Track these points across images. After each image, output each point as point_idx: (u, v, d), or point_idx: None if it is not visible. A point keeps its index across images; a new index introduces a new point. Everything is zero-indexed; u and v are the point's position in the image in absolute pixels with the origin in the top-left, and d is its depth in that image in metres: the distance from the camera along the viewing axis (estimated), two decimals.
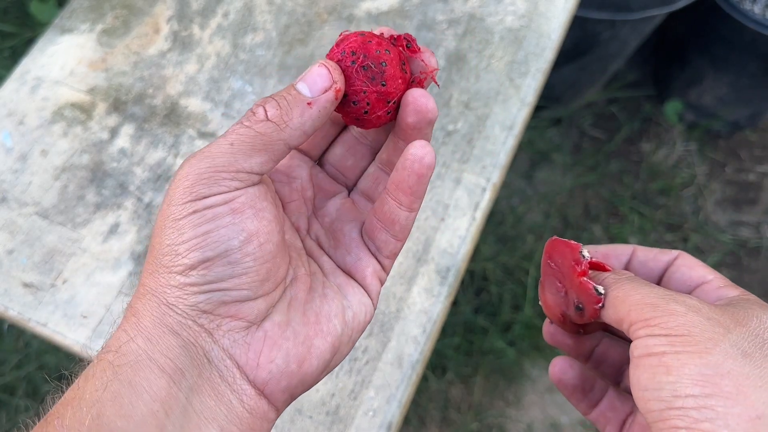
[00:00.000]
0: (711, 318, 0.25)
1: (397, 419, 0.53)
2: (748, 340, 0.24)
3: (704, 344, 0.24)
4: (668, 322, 0.25)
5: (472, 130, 0.63)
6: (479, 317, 1.26)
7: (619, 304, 0.27)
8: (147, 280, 0.26)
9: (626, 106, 1.53)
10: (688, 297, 0.26)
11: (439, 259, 0.58)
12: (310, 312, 0.28)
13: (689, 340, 0.24)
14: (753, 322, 0.25)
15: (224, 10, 0.70)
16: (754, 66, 1.26)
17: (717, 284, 0.29)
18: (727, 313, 0.26)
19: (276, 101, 0.27)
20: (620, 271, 0.30)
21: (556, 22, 0.68)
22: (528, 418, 1.23)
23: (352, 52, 0.28)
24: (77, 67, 0.67)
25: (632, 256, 0.33)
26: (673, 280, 0.31)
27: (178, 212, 0.25)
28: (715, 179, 1.49)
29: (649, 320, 0.25)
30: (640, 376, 0.25)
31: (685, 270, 0.31)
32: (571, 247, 0.30)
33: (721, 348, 0.24)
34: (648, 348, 0.25)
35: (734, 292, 0.29)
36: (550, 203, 1.40)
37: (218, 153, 0.26)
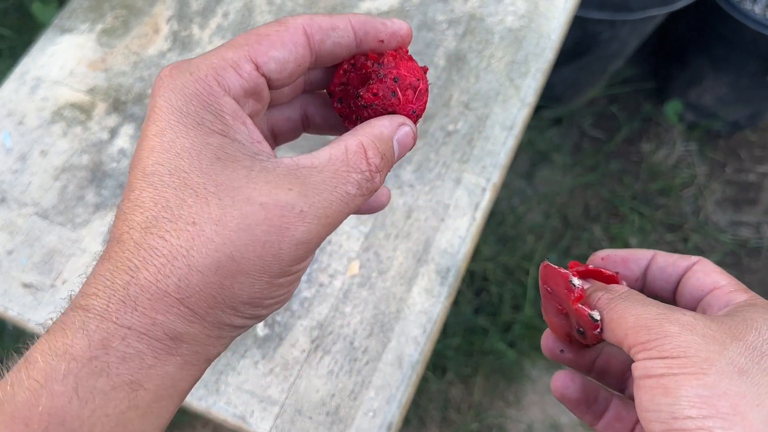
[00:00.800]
0: (706, 335, 0.25)
1: (397, 420, 0.53)
2: (744, 355, 0.24)
3: (700, 365, 0.24)
4: (664, 345, 0.25)
5: (473, 130, 0.63)
6: (479, 317, 1.26)
7: (615, 327, 0.28)
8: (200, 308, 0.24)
9: (626, 106, 1.53)
10: (683, 313, 0.26)
11: (440, 260, 0.58)
12: None
13: (685, 361, 0.24)
14: (751, 334, 0.25)
15: (224, 11, 0.70)
16: (754, 66, 1.26)
17: (728, 289, 0.30)
18: (725, 326, 0.26)
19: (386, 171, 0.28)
20: (614, 288, 0.30)
21: (556, 22, 0.68)
22: (528, 418, 1.23)
23: None
24: (77, 67, 0.67)
25: (651, 261, 0.33)
26: (688, 285, 0.32)
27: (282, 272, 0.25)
28: (715, 179, 1.49)
29: (645, 344, 0.26)
30: (642, 397, 0.25)
31: (701, 275, 0.31)
32: (562, 275, 0.31)
33: (717, 367, 0.24)
34: (647, 370, 0.25)
35: (742, 297, 0.29)
36: (550, 203, 1.40)
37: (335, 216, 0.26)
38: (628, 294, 0.29)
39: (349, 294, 0.57)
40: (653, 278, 0.33)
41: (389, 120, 0.28)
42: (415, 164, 0.62)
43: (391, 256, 0.58)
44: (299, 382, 0.54)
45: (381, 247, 0.58)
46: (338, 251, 0.58)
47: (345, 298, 0.57)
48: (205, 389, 0.54)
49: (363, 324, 0.56)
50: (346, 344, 0.55)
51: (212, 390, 0.54)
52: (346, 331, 0.56)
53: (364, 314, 0.56)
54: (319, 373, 0.54)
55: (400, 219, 0.59)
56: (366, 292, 0.57)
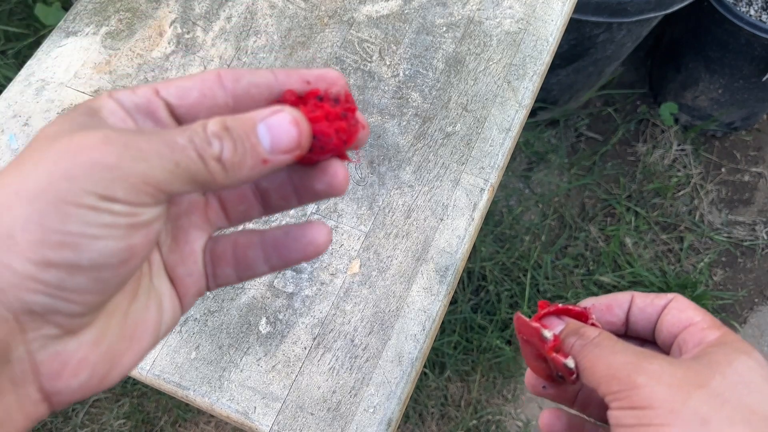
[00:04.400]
0: (672, 384, 0.27)
1: (397, 416, 0.54)
2: (707, 403, 0.26)
3: (665, 416, 0.26)
4: (632, 396, 0.27)
5: (471, 131, 0.64)
6: (477, 316, 1.27)
7: (589, 375, 0.29)
8: None
9: (622, 108, 1.54)
10: (650, 362, 0.28)
11: (438, 259, 0.59)
12: (130, 322, 0.26)
13: (652, 413, 0.26)
14: (715, 379, 0.27)
15: (227, 14, 0.71)
16: (749, 68, 1.28)
17: (701, 326, 0.31)
18: (690, 371, 0.27)
19: (234, 143, 0.23)
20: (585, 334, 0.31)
21: (553, 26, 0.69)
22: (525, 414, 1.24)
23: None
24: (82, 69, 0.68)
25: (631, 303, 0.35)
26: (665, 323, 0.33)
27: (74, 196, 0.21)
28: (710, 180, 1.50)
29: (616, 393, 0.28)
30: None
31: (676, 312, 0.33)
32: (534, 329, 0.32)
33: (681, 418, 0.26)
34: (619, 419, 0.27)
35: (715, 334, 0.30)
36: (547, 204, 1.41)
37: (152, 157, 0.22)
38: (599, 340, 0.30)
39: (350, 292, 0.58)
40: (634, 320, 0.35)
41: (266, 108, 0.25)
42: (414, 165, 0.63)
43: (391, 255, 0.59)
44: (301, 379, 0.55)
45: (381, 246, 0.59)
46: (339, 250, 0.60)
47: (346, 296, 0.58)
48: (208, 385, 0.55)
49: (363, 322, 0.57)
50: (346, 341, 0.56)
51: (215, 386, 0.55)
52: (346, 329, 0.57)
53: (365, 312, 0.57)
54: (321, 369, 0.55)
55: (399, 219, 0.61)
56: (366, 290, 0.58)
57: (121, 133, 0.22)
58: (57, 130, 0.23)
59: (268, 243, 0.29)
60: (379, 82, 0.67)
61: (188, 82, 0.26)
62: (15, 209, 0.21)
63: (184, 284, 0.28)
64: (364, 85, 0.67)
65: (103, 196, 0.21)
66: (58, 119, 0.24)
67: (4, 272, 0.21)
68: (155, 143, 0.22)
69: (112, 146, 0.21)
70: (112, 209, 0.21)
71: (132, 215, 0.22)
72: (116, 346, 0.25)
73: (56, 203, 0.21)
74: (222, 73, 0.26)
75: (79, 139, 0.22)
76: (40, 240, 0.21)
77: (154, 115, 0.25)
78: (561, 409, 0.37)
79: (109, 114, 0.24)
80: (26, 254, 0.21)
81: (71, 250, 0.21)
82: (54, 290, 0.21)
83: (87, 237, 0.21)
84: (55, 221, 0.21)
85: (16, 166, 0.22)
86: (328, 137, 0.26)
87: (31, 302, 0.21)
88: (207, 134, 0.23)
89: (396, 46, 0.69)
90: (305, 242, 0.28)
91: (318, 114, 0.26)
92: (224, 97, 0.26)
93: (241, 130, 0.24)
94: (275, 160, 0.24)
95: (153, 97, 0.25)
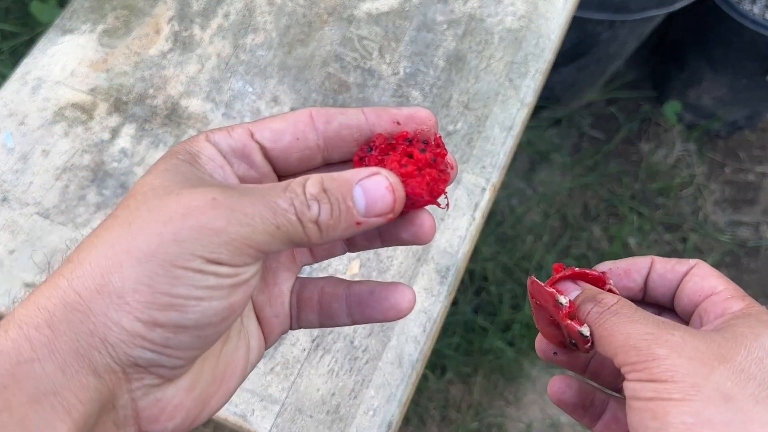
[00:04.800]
0: (694, 357, 0.25)
1: (397, 418, 0.53)
2: (731, 379, 0.24)
3: (687, 391, 0.24)
4: (652, 368, 0.25)
5: (472, 130, 0.63)
6: (479, 317, 1.27)
7: (605, 344, 0.28)
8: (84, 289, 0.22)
9: (625, 107, 1.53)
10: (672, 333, 0.26)
11: (439, 259, 0.58)
12: (221, 365, 0.27)
13: (673, 386, 0.25)
14: (740, 354, 0.25)
15: (225, 11, 0.70)
16: (753, 66, 1.27)
17: (725, 296, 0.30)
18: (714, 344, 0.26)
19: (331, 207, 0.24)
20: (603, 301, 0.29)
21: (556, 23, 0.68)
22: (527, 417, 1.23)
23: None
24: (78, 67, 0.67)
25: (651, 268, 0.33)
26: (686, 290, 0.31)
27: (183, 260, 0.22)
28: (714, 179, 1.49)
29: (635, 365, 0.26)
30: (632, 418, 0.26)
31: (698, 280, 0.31)
32: (549, 294, 0.31)
33: (704, 393, 0.24)
34: (636, 392, 0.26)
35: (739, 305, 0.29)
36: (549, 203, 1.41)
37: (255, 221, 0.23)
38: (617, 307, 0.29)
39: None
40: (653, 285, 0.33)
41: (362, 168, 0.26)
42: None
43: (391, 255, 0.58)
44: (300, 381, 0.54)
45: None
46: None
47: None
48: None
49: None
50: (346, 343, 0.55)
51: None
52: (346, 330, 0.56)
53: None
54: (320, 371, 0.54)
55: None
56: None
57: (226, 194, 0.23)
58: (161, 183, 0.24)
59: (353, 298, 0.30)
60: (379, 80, 0.66)
61: (281, 123, 0.27)
62: (125, 270, 0.22)
63: (270, 324, 0.30)
64: (363, 83, 0.66)
65: (210, 260, 0.22)
66: (160, 167, 0.25)
67: (114, 329, 0.22)
68: (259, 207, 0.23)
69: (220, 210, 0.22)
70: (217, 272, 0.23)
71: (234, 275, 0.23)
72: (208, 389, 0.26)
73: (165, 266, 0.22)
74: (314, 114, 0.27)
75: (187, 201, 0.23)
76: (149, 302, 0.22)
77: (249, 158, 0.27)
78: (571, 376, 0.35)
79: (207, 161, 0.26)
80: (135, 314, 0.22)
81: (178, 311, 0.22)
82: (159, 347, 0.22)
83: (193, 299, 0.22)
84: (164, 284, 0.22)
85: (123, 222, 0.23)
86: (419, 196, 0.26)
87: (137, 357, 0.22)
88: (306, 197, 0.24)
89: (396, 43, 0.68)
90: (388, 306, 0.29)
91: (410, 168, 0.26)
92: (315, 139, 0.27)
93: (338, 193, 0.24)
94: (368, 222, 0.25)
95: (248, 140, 0.27)
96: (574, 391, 0.34)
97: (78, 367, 0.21)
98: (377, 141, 0.27)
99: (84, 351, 0.22)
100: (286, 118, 0.27)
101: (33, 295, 0.22)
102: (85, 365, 0.22)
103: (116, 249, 0.22)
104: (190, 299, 0.22)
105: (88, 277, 0.22)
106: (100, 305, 0.22)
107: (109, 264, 0.22)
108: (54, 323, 0.21)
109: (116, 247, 0.22)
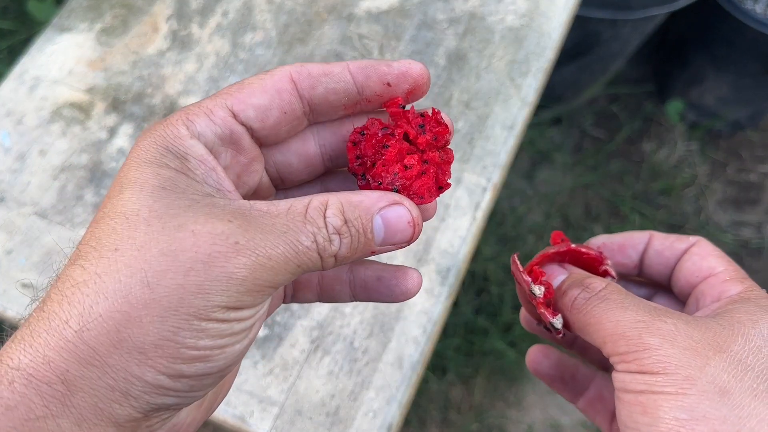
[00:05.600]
0: (687, 347, 0.24)
1: (398, 420, 0.52)
2: (728, 371, 0.23)
3: (680, 384, 0.23)
4: (642, 359, 0.24)
5: (473, 129, 0.63)
6: (480, 318, 1.26)
7: (593, 332, 0.26)
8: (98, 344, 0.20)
9: (627, 106, 1.52)
10: (664, 320, 0.25)
11: (440, 260, 0.57)
12: None
13: (665, 379, 0.23)
14: (737, 343, 0.24)
15: (223, 9, 0.70)
16: (755, 66, 1.26)
17: (723, 277, 0.28)
18: (709, 333, 0.24)
19: (351, 240, 0.24)
20: (591, 286, 0.28)
21: (557, 21, 0.68)
22: (529, 418, 1.22)
23: None
24: (76, 66, 0.67)
25: (648, 244, 0.31)
26: (683, 270, 0.30)
27: (207, 312, 0.21)
28: (717, 179, 1.48)
29: (624, 355, 0.25)
30: (621, 410, 0.24)
31: (696, 259, 0.29)
32: (524, 282, 0.30)
33: (698, 387, 0.23)
34: (625, 384, 0.24)
35: (737, 288, 0.27)
36: (550, 203, 1.40)
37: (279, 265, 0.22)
38: (606, 293, 0.27)
39: None
40: (650, 263, 0.31)
41: (381, 194, 0.24)
42: None
43: (392, 255, 0.58)
44: (299, 383, 0.54)
45: None
46: None
47: None
48: None
49: (363, 324, 0.55)
50: (346, 344, 0.55)
51: None
52: (346, 332, 0.55)
53: (364, 314, 0.56)
54: (319, 373, 0.54)
55: None
56: None
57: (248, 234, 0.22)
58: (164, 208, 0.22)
59: (358, 282, 0.29)
60: None
61: (263, 97, 0.25)
62: (146, 326, 0.20)
63: None
64: None
65: (233, 308, 0.22)
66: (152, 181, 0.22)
67: (137, 383, 0.21)
68: (281, 248, 0.22)
69: (244, 257, 0.21)
70: (239, 317, 0.22)
71: (254, 315, 0.23)
72: (214, 397, 0.26)
73: (189, 320, 0.21)
74: (296, 77, 0.25)
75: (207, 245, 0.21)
76: (174, 356, 0.21)
77: (237, 144, 0.25)
78: (550, 346, 0.34)
79: (197, 164, 0.24)
80: (159, 369, 0.21)
81: (203, 362, 0.22)
82: (182, 393, 0.22)
83: (218, 348, 0.22)
84: (189, 338, 0.21)
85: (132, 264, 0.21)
86: (427, 200, 0.26)
87: (161, 404, 0.22)
88: (329, 231, 0.23)
89: (396, 41, 0.67)
90: (398, 292, 0.28)
91: (414, 170, 0.25)
92: (302, 108, 0.25)
93: (359, 224, 0.24)
94: (382, 250, 0.25)
95: (234, 124, 0.25)
96: (552, 363, 0.33)
97: (96, 420, 0.21)
98: (371, 128, 0.26)
99: (103, 405, 0.20)
100: (265, 86, 0.25)
101: (33, 340, 0.20)
102: (104, 418, 0.21)
103: (132, 303, 0.20)
104: (215, 349, 0.22)
105: (101, 331, 0.20)
106: (118, 360, 0.20)
107: (126, 319, 0.20)
108: (69, 380, 0.20)
109: (132, 300, 0.20)
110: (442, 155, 0.26)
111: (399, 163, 0.25)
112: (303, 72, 0.25)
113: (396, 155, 0.25)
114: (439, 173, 0.26)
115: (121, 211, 0.22)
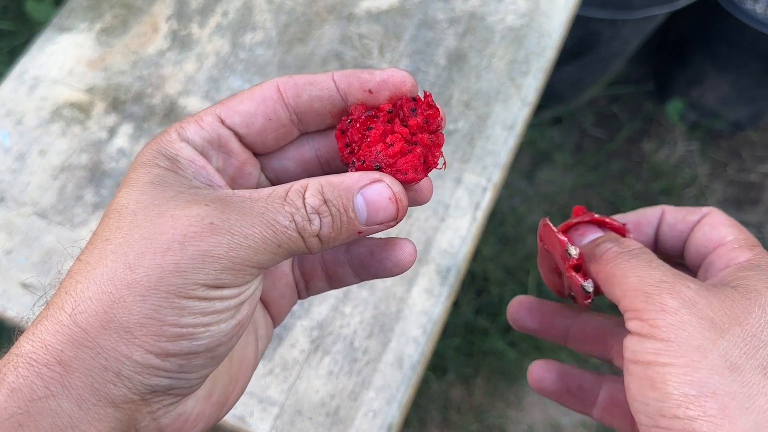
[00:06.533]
0: (704, 317, 0.23)
1: (398, 420, 0.52)
2: (740, 346, 0.23)
3: (691, 356, 0.22)
4: (656, 320, 0.23)
5: (473, 129, 0.63)
6: (480, 318, 1.26)
7: (615, 284, 0.26)
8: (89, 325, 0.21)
9: (627, 106, 1.52)
10: (688, 285, 0.24)
11: (440, 260, 0.57)
12: (235, 364, 0.27)
13: (676, 349, 0.23)
14: (753, 315, 0.23)
15: (223, 9, 0.70)
16: (755, 65, 1.26)
17: (731, 246, 0.27)
18: (727, 302, 0.24)
19: (332, 219, 0.24)
20: (626, 243, 0.27)
21: (558, 21, 0.68)
22: (529, 419, 1.22)
23: None
24: (76, 66, 0.67)
25: (661, 219, 0.31)
26: (694, 241, 0.29)
27: (186, 290, 0.22)
28: (717, 179, 1.48)
29: (639, 312, 0.24)
30: (630, 383, 0.24)
31: (707, 230, 0.29)
32: (560, 242, 0.29)
33: (709, 361, 0.22)
34: (635, 354, 0.24)
35: (745, 256, 0.27)
36: (551, 203, 1.40)
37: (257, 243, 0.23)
38: (638, 251, 0.27)
39: (349, 294, 0.56)
40: (664, 238, 0.31)
41: (362, 174, 0.25)
42: None
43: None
44: (299, 383, 0.54)
45: None
46: None
47: (345, 299, 0.56)
48: None
49: (363, 324, 0.55)
50: (346, 345, 0.55)
51: None
52: (346, 332, 0.55)
53: (364, 314, 0.56)
54: (319, 373, 0.54)
55: None
56: (366, 292, 0.57)
57: (224, 215, 0.23)
58: (149, 200, 0.23)
59: (355, 261, 0.29)
60: None
61: (250, 105, 0.26)
62: (130, 305, 0.21)
63: (278, 305, 0.30)
64: None
65: (213, 286, 0.22)
66: (144, 178, 0.24)
67: (127, 362, 0.22)
68: (259, 227, 0.23)
69: (219, 236, 0.22)
70: (221, 295, 0.23)
71: (239, 294, 0.23)
72: (225, 390, 0.27)
73: (170, 298, 0.22)
74: (282, 87, 0.26)
75: (184, 226, 0.22)
76: (158, 334, 0.22)
77: (225, 147, 0.26)
78: (549, 360, 0.33)
79: (187, 164, 0.25)
80: (146, 347, 0.22)
81: (188, 340, 0.22)
82: (174, 374, 0.23)
83: (201, 326, 0.22)
84: (170, 316, 0.22)
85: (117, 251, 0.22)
86: (413, 179, 0.26)
87: (154, 385, 0.22)
88: (307, 210, 0.23)
89: (396, 41, 0.67)
90: (391, 264, 0.29)
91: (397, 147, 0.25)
92: (288, 115, 0.26)
93: (339, 204, 0.24)
94: (369, 230, 0.25)
95: (221, 128, 0.26)
96: (554, 376, 0.33)
97: (95, 401, 0.21)
98: (355, 113, 0.26)
99: (99, 385, 0.21)
100: (254, 96, 0.26)
101: (35, 328, 0.22)
102: (101, 398, 0.22)
103: (116, 284, 0.21)
104: (198, 327, 0.22)
105: (91, 312, 0.21)
106: (108, 341, 0.21)
107: (111, 300, 0.21)
108: (65, 360, 0.21)
109: (116, 281, 0.22)
110: (432, 138, 0.26)
111: (383, 142, 0.26)
112: (289, 82, 0.26)
113: (380, 136, 0.26)
114: (428, 155, 0.26)
115: (114, 207, 0.24)
